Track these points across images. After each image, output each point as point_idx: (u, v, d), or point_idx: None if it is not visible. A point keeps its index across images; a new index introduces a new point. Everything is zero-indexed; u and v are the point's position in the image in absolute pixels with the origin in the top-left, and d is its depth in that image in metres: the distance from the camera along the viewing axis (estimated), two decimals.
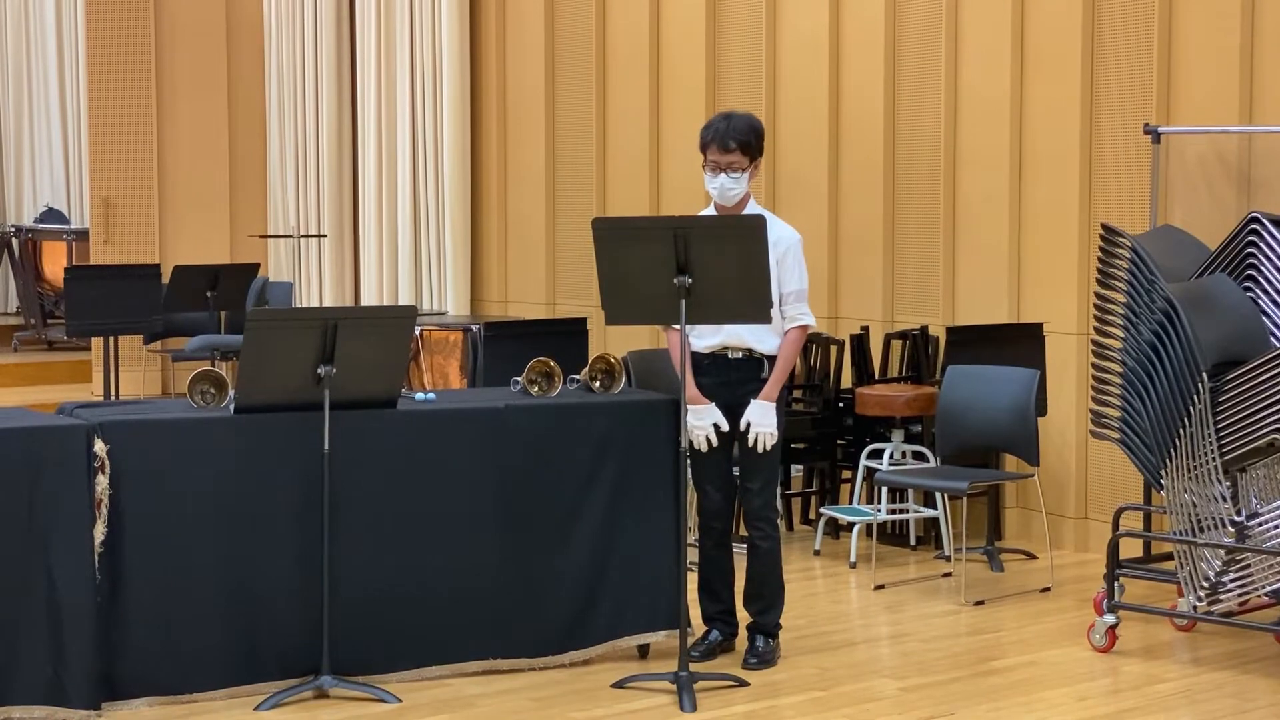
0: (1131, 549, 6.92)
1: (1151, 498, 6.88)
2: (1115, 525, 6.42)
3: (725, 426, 5.85)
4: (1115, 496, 7.45)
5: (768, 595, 5.99)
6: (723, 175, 5.90)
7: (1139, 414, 6.12)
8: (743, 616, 6.06)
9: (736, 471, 6.01)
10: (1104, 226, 6.37)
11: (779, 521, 6.14)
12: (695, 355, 5.91)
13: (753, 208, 5.96)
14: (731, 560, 6.08)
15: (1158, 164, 7.39)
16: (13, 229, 13.55)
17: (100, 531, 5.28)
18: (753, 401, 5.81)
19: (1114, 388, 6.24)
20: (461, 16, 10.79)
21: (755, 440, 5.81)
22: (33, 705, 5.18)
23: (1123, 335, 6.22)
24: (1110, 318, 6.28)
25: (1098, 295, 6.34)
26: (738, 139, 5.87)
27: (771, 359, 5.88)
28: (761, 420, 5.80)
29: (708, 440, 5.84)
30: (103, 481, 5.28)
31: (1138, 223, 7.31)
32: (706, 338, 5.92)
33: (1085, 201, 7.83)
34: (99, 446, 5.27)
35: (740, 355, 5.90)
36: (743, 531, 6.13)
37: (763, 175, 8.82)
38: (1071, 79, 7.83)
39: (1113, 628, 6.18)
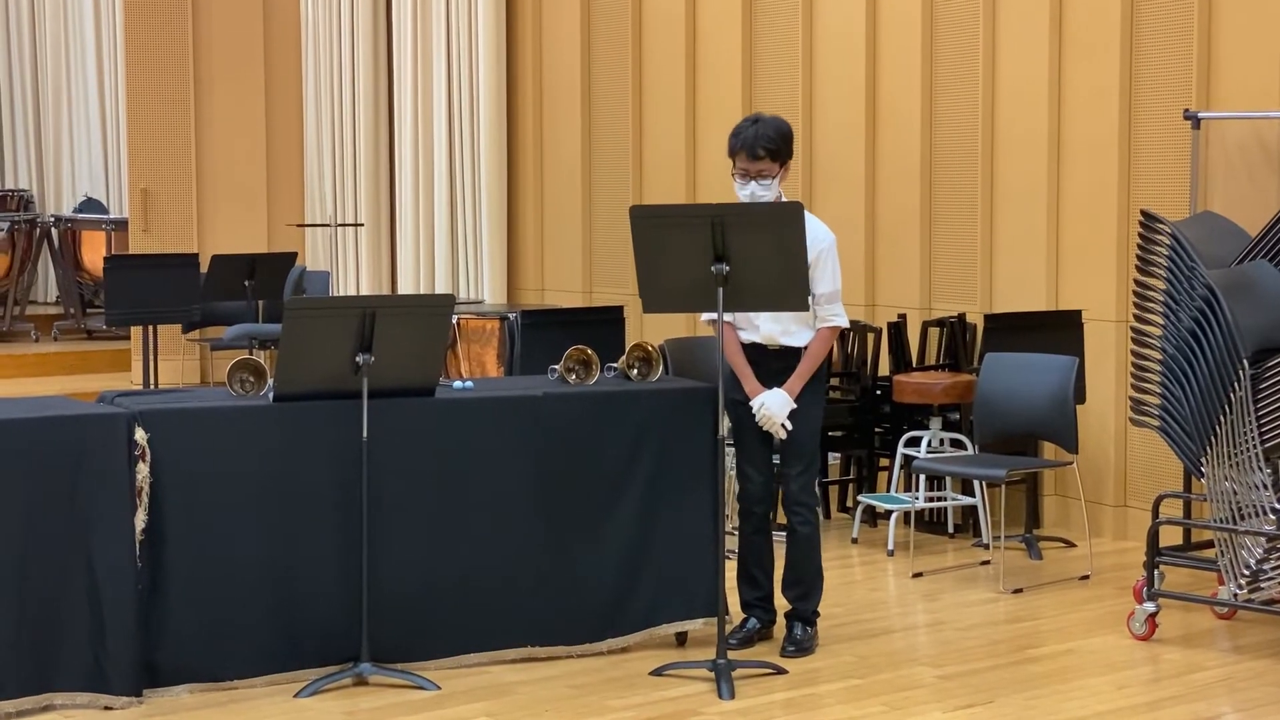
0: (1171, 537, 6.88)
1: (1191, 485, 6.84)
2: (1155, 513, 6.39)
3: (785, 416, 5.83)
4: (1155, 484, 7.41)
5: (806, 581, 6.00)
6: (753, 183, 5.85)
7: (1179, 401, 6.09)
8: (781, 603, 6.06)
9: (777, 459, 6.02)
10: (1143, 213, 6.34)
11: (818, 508, 6.14)
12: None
13: None
14: (771, 547, 6.08)
15: (1197, 150, 7.34)
16: (52, 219, 13.62)
17: (141, 519, 5.32)
18: (776, 388, 5.82)
19: (1154, 375, 6.21)
20: (498, 5, 10.80)
21: (759, 419, 5.81)
22: (75, 691, 5.23)
23: (1162, 322, 6.18)
24: (1150, 305, 6.25)
25: (1137, 282, 6.31)
26: (766, 146, 5.79)
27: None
28: (773, 407, 5.79)
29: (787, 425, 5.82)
30: (143, 469, 5.31)
31: (1177, 209, 7.27)
32: (745, 334, 5.94)
33: (1124, 188, 7.79)
34: (140, 435, 5.30)
35: (778, 348, 5.93)
36: (781, 519, 6.12)
37: (799, 163, 8.78)
38: (1110, 64, 7.79)
39: (1152, 616, 6.15)
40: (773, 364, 5.90)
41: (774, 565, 6.09)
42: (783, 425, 5.81)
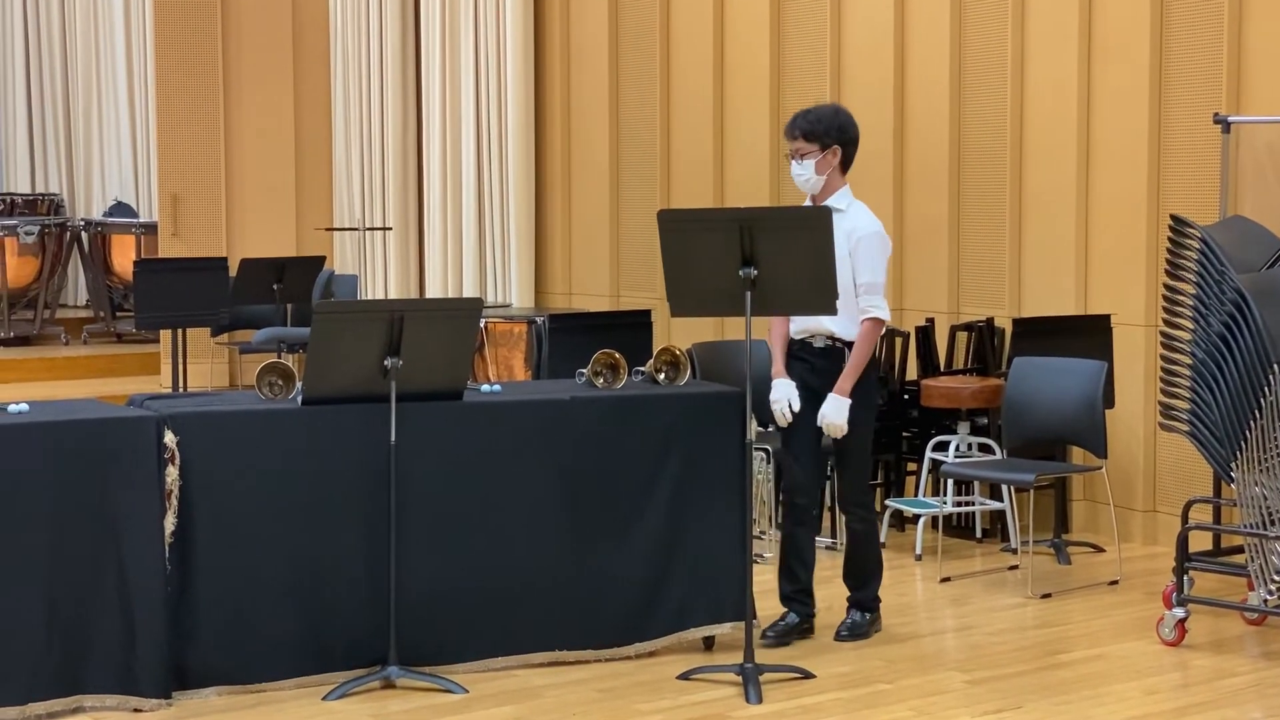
0: (1201, 542, 6.85)
1: (1221, 490, 6.82)
2: (1184, 518, 6.36)
3: (796, 404, 5.96)
4: (1184, 489, 7.39)
5: (865, 572, 6.16)
6: (794, 162, 6.05)
7: (1208, 406, 6.07)
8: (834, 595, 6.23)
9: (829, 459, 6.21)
10: (1173, 217, 6.32)
11: (872, 505, 6.23)
12: (791, 340, 6.08)
13: (839, 199, 6.01)
14: (812, 542, 6.17)
15: (1227, 154, 7.31)
16: (82, 223, 13.68)
17: (170, 522, 5.33)
18: (829, 394, 5.91)
19: (1183, 380, 6.19)
20: (526, 9, 10.81)
21: (825, 428, 5.97)
22: (105, 693, 5.25)
23: (1192, 327, 6.16)
24: (1179, 309, 6.23)
25: (1167, 287, 6.29)
26: (802, 126, 6.02)
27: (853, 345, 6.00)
28: (832, 415, 5.92)
29: (788, 415, 5.97)
30: (173, 472, 5.33)
31: (1207, 213, 7.24)
32: (797, 322, 6.05)
33: (1154, 192, 7.76)
34: (169, 438, 5.32)
35: (824, 344, 6.01)
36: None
37: None
38: (1139, 68, 7.77)
39: (1182, 621, 6.13)
40: (818, 362, 6.01)
41: (814, 560, 6.16)
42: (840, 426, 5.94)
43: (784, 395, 5.97)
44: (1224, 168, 7.32)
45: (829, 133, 6.00)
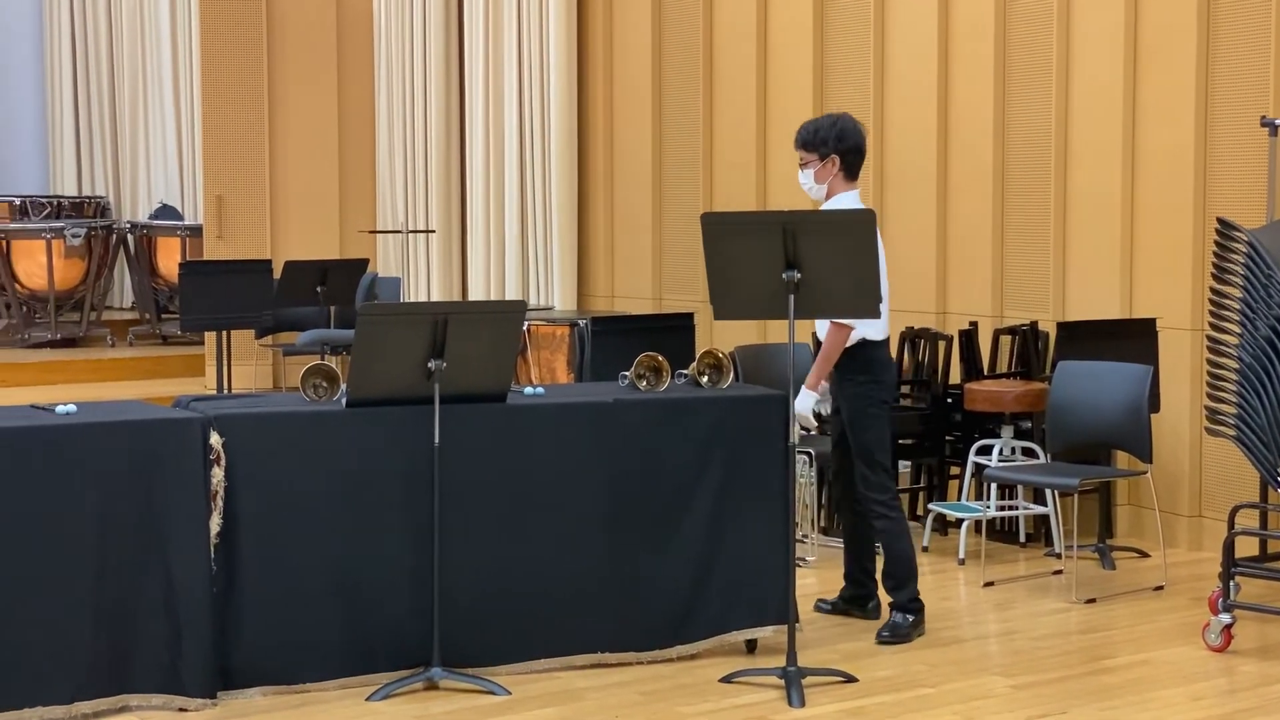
0: (1247, 547, 6.81)
1: (1268, 495, 6.78)
2: (1230, 523, 6.32)
3: (809, 410, 6.20)
4: (1230, 494, 7.34)
5: (896, 574, 6.22)
6: (799, 171, 6.26)
7: (1256, 411, 6.03)
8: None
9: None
10: (1220, 221, 6.28)
11: (890, 503, 6.23)
12: None
13: (836, 203, 6.12)
14: (859, 530, 6.40)
15: (1275, 157, 7.27)
16: (128, 225, 13.77)
17: (216, 523, 5.36)
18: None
19: (1230, 384, 6.15)
20: (569, 12, 10.84)
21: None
22: (151, 693, 5.29)
23: (1239, 331, 6.13)
24: (1226, 313, 6.19)
25: (1213, 290, 6.25)
26: (801, 136, 6.25)
27: (855, 348, 6.09)
28: (795, 404, 6.02)
29: (815, 420, 6.25)
30: (218, 474, 5.36)
31: (1254, 216, 7.20)
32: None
33: (1200, 195, 7.72)
34: (215, 439, 5.35)
35: None
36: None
37: (870, 170, 8.74)
38: (1186, 70, 7.72)
39: (1228, 627, 6.09)
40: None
41: (862, 548, 6.42)
42: (812, 416, 6.16)
43: (802, 403, 6.22)
44: (1271, 171, 7.27)
45: (825, 142, 6.15)
